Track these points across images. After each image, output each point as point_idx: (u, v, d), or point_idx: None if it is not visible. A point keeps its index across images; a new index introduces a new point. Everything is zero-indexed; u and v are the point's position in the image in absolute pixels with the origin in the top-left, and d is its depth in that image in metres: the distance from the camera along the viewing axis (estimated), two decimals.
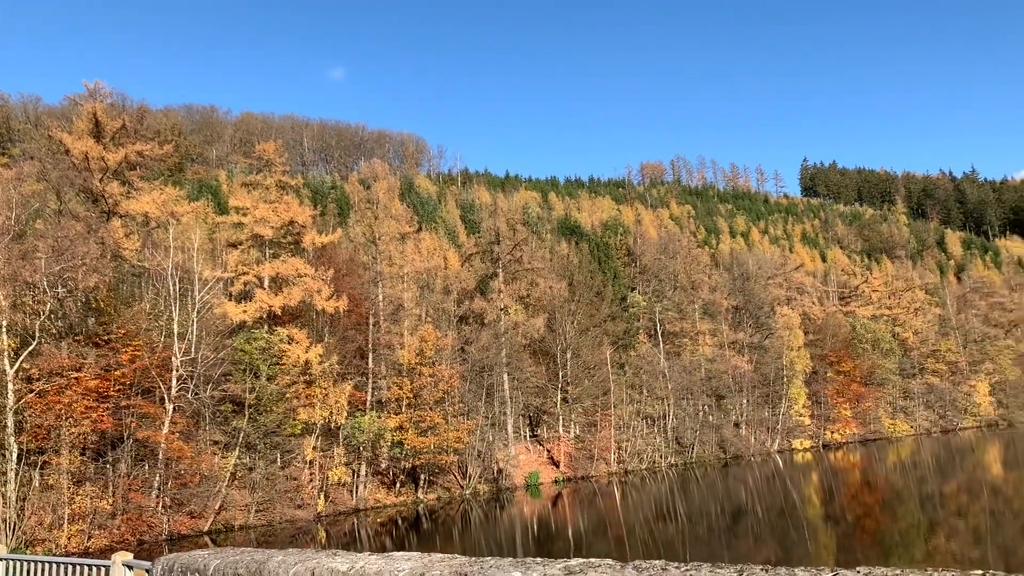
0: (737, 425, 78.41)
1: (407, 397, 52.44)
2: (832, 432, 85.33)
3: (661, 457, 69.40)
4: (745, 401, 79.41)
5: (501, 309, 67.16)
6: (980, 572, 2.86)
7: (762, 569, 3.14)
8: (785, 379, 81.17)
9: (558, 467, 63.92)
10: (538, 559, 3.72)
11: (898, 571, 2.89)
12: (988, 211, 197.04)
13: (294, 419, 47.07)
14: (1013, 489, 45.37)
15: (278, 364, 47.57)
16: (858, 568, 3.03)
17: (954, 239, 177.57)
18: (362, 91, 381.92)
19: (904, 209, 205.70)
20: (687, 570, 3.12)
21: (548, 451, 66.40)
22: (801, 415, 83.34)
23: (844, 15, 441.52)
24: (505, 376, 62.76)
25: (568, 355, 67.22)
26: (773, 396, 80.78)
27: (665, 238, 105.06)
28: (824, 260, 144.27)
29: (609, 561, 3.44)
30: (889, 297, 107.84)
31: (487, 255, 72.33)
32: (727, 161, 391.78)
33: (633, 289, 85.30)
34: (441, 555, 4.11)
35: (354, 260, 63.51)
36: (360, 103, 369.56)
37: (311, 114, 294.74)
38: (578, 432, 68.23)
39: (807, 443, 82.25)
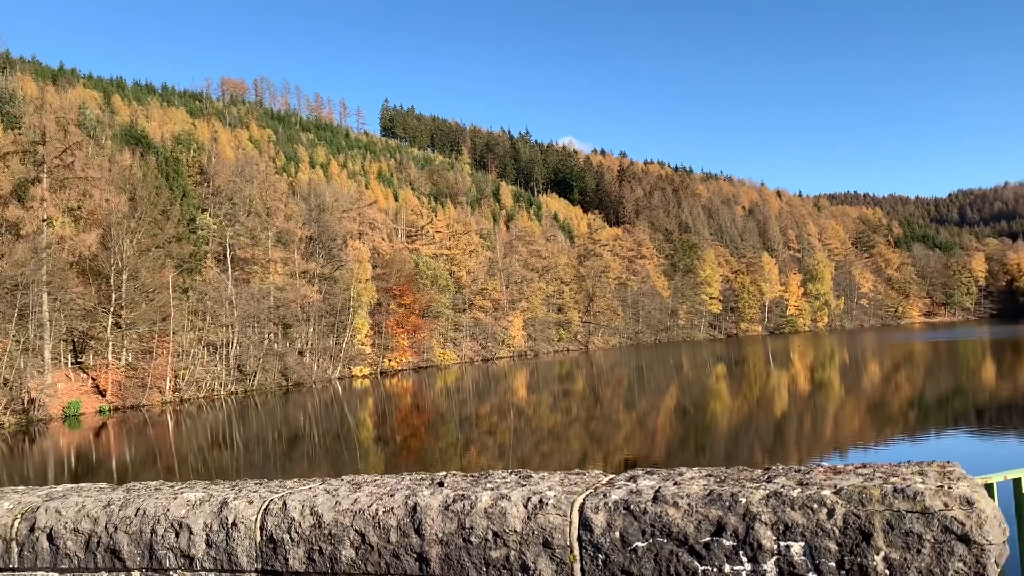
0: (301, 353, 79.66)
1: None
2: (390, 360, 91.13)
3: (221, 385, 67.78)
4: (311, 330, 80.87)
5: (43, 220, 59.06)
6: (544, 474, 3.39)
7: (255, 482, 3.37)
8: (351, 310, 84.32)
9: (105, 396, 58.91)
10: (19, 487, 3.53)
11: (368, 477, 3.31)
12: (536, 169, 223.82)
13: None
14: (532, 410, 52.49)
15: None
16: (337, 476, 3.40)
17: (507, 192, 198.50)
18: None
19: (469, 160, 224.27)
20: (181, 488, 3.22)
21: (94, 379, 60.74)
22: (363, 344, 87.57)
23: None
24: (44, 296, 55.61)
25: (124, 276, 61.76)
26: (339, 326, 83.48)
27: (243, 160, 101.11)
28: (396, 199, 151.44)
29: (101, 484, 3.40)
30: (450, 239, 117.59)
31: (29, 156, 62.68)
32: (312, 90, 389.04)
33: (204, 211, 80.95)
34: None
35: None
36: None
37: None
38: (131, 359, 63.48)
39: (366, 370, 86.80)
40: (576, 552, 2.51)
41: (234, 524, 2.80)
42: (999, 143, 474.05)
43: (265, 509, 2.80)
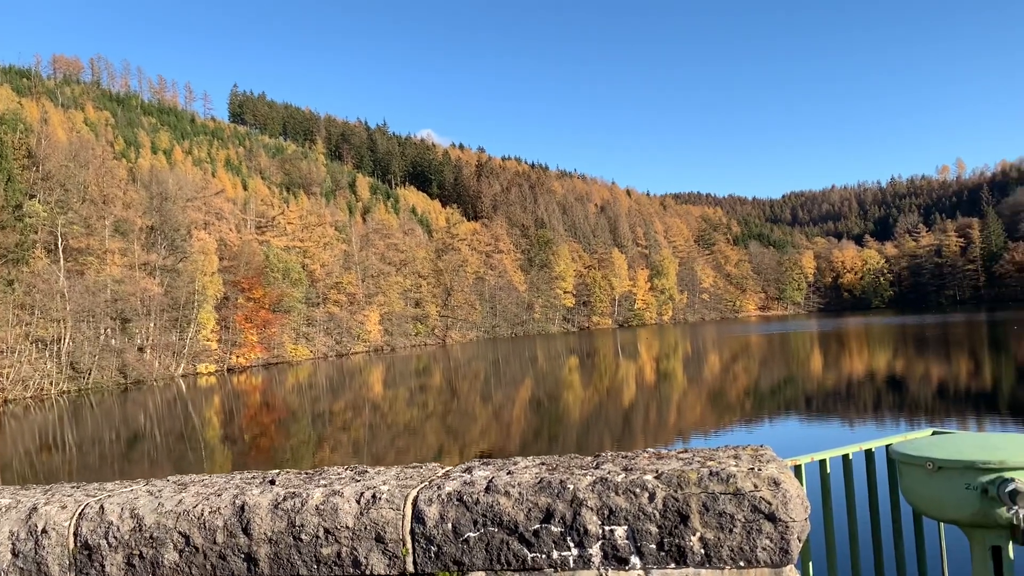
0: (141, 349, 75.40)
1: None
2: (238, 357, 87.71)
3: (52, 384, 63.23)
4: (152, 325, 76.68)
5: None
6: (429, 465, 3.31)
7: (71, 486, 3.17)
8: (196, 304, 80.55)
9: None
10: None
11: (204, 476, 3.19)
12: (393, 162, 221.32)
13: None
14: (389, 405, 52.00)
15: None
16: (163, 477, 3.25)
17: (364, 183, 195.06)
18: None
19: (324, 149, 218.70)
20: None
21: None
22: (209, 340, 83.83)
23: None
24: None
25: None
26: (182, 320, 79.54)
27: (77, 144, 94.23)
28: (246, 188, 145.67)
29: None
30: (303, 230, 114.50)
31: None
32: (155, 72, 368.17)
33: (32, 197, 75.01)
34: None
35: None
36: None
37: None
38: None
39: (212, 367, 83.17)
40: (409, 545, 2.51)
41: (44, 531, 2.62)
42: (827, 149, 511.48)
43: (80, 514, 2.64)
